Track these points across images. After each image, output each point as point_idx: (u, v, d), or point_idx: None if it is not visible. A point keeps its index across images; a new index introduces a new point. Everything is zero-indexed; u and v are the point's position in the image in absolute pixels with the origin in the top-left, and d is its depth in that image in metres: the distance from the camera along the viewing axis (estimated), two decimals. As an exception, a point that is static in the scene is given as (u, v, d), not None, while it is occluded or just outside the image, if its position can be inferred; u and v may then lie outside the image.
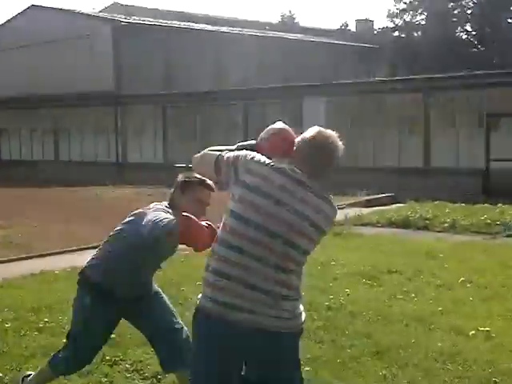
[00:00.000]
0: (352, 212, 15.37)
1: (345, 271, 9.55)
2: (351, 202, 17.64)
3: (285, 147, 3.52)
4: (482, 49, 49.58)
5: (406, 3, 53.14)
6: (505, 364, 5.70)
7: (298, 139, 3.53)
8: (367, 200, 17.65)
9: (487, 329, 6.59)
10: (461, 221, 13.75)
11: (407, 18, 53.80)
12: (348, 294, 8.08)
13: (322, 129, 3.54)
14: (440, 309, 7.48)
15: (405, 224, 13.99)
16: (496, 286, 8.61)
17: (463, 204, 15.73)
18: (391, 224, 14.33)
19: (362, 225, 14.38)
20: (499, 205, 15.37)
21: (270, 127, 3.66)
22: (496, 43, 47.50)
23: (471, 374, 5.48)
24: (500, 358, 5.87)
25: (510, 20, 49.84)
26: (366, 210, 15.92)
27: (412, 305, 7.70)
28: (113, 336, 5.35)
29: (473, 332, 6.56)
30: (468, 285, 8.67)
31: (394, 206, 17.22)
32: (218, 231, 3.47)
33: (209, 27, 40.56)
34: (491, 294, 8.18)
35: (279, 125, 3.67)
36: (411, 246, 11.53)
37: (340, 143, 3.49)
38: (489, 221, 13.62)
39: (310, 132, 3.51)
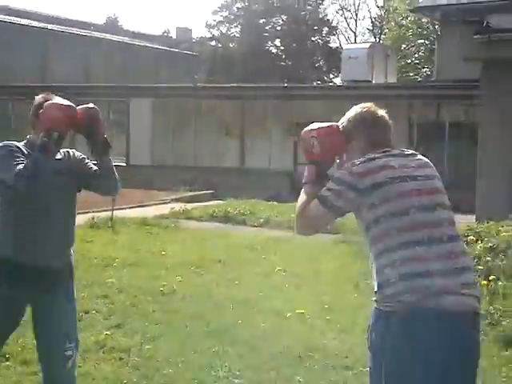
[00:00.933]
0: (177, 206, 15.71)
1: (175, 261, 9.74)
2: (176, 197, 17.91)
3: (335, 143, 3.12)
4: (289, 62, 51.43)
5: (222, 16, 54.01)
6: (315, 341, 6.10)
7: (347, 127, 3.13)
8: (190, 196, 17.86)
9: (302, 311, 6.95)
10: (275, 216, 14.26)
11: (223, 29, 54.69)
12: (180, 281, 8.29)
13: (358, 107, 3.20)
14: (261, 294, 7.82)
15: (225, 219, 14.31)
16: (306, 275, 9.09)
17: (275, 202, 16.25)
18: (213, 218, 14.54)
19: (187, 218, 14.56)
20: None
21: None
22: (301, 58, 49.46)
23: (285, 350, 5.84)
24: (311, 336, 6.31)
25: (313, 38, 52.14)
26: (189, 205, 16.05)
27: (237, 291, 8.02)
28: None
29: (289, 314, 6.91)
30: (283, 273, 9.10)
31: (214, 202, 17.46)
32: (380, 246, 2.88)
33: (35, 23, 38.35)
34: (303, 282, 8.64)
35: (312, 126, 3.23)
36: (232, 238, 11.96)
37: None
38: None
39: (359, 114, 3.15)
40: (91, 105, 3.70)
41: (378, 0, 52.11)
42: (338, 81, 46.10)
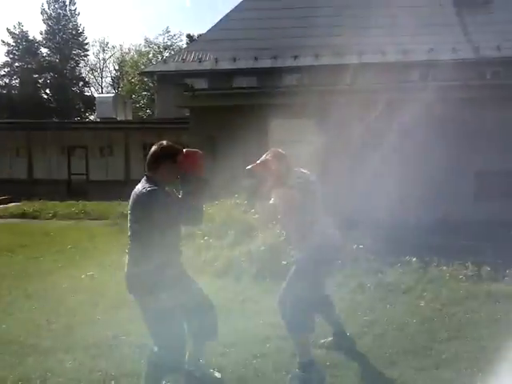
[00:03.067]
0: (-16, 209, 13.80)
1: (-10, 247, 8.57)
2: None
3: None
4: (55, 105, 47.59)
5: (5, 71, 48.00)
6: (104, 291, 5.74)
7: (275, 160, 3.44)
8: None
9: (92, 273, 6.66)
10: (60, 211, 13.15)
11: (7, 80, 48.68)
12: (-2, 262, 7.41)
13: (274, 150, 3.54)
14: (60, 265, 7.29)
15: (23, 215, 12.82)
16: (90, 248, 8.51)
17: (58, 202, 14.83)
18: (13, 216, 12.91)
19: (-8, 217, 12.82)
20: (80, 201, 15.11)
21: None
22: (66, 102, 46.16)
23: (85, 300, 5.50)
24: (102, 288, 5.90)
25: (73, 89, 48.97)
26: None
27: (42, 264, 7.33)
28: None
29: (83, 276, 6.55)
30: (74, 249, 8.52)
31: (12, 204, 15.44)
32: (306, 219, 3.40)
33: None
34: (89, 253, 8.09)
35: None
36: (32, 228, 10.89)
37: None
38: (76, 211, 13.33)
39: (278, 153, 3.51)
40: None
41: (115, 65, 50.78)
42: (92, 117, 43.99)
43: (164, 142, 3.03)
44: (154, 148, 3.02)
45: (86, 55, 50.05)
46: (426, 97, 9.63)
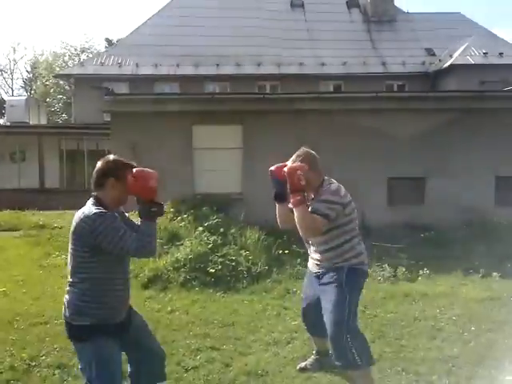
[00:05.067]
0: None
1: None
2: None
3: (310, 177, 3.21)
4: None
5: None
6: (18, 309, 5.35)
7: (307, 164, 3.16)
8: None
9: (3, 289, 6.10)
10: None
11: None
12: None
13: (305, 150, 3.32)
14: None
15: None
16: (2, 263, 7.71)
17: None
18: None
19: None
20: None
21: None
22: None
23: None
24: (14, 306, 5.49)
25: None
26: None
27: None
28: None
29: None
30: None
31: None
32: (350, 234, 3.26)
33: None
34: None
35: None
36: None
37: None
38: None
39: (312, 155, 3.31)
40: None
41: (27, 67, 47.64)
42: (1, 121, 40.88)
43: (110, 157, 2.67)
44: (98, 163, 2.65)
45: (-6, 55, 46.61)
46: (340, 107, 9.99)
